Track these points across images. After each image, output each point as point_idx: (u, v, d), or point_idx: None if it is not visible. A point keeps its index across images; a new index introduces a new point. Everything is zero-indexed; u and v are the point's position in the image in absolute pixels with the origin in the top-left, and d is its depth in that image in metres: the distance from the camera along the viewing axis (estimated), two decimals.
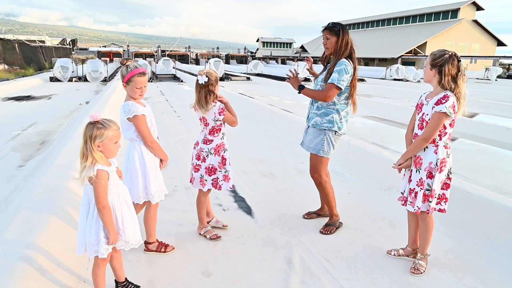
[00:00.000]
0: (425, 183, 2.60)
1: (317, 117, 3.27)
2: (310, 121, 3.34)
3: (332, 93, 3.10)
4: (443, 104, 2.46)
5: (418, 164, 2.64)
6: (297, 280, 2.62)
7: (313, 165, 3.34)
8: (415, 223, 2.85)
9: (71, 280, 2.47)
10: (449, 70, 2.48)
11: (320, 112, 3.25)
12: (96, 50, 46.33)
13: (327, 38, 3.18)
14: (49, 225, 2.86)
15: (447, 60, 2.47)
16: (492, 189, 4.26)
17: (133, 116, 2.58)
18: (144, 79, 2.64)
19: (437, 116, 2.49)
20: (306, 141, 3.39)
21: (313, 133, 3.30)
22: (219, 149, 3.05)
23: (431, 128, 2.52)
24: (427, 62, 2.61)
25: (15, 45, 24.60)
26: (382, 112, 10.60)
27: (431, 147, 2.59)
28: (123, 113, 2.62)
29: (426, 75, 2.64)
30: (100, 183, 2.00)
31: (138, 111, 2.59)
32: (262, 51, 66.86)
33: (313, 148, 3.29)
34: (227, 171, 3.09)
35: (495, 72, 29.88)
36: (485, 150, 6.67)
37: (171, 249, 2.93)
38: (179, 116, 9.47)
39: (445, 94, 2.50)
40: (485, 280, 2.67)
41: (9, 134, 7.07)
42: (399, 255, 2.93)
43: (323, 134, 3.25)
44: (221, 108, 2.96)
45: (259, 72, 29.27)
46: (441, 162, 2.56)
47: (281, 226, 3.44)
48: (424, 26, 46.56)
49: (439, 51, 2.55)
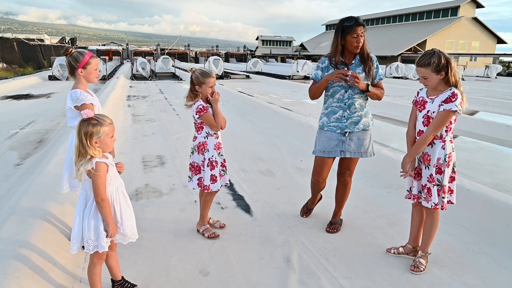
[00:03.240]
0: (435, 179, 2.59)
1: (364, 118, 3.06)
2: (356, 126, 3.04)
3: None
4: (453, 102, 2.42)
5: (427, 160, 2.61)
6: (296, 279, 2.59)
7: (351, 168, 3.21)
8: (419, 220, 2.82)
9: (67, 280, 2.44)
10: (453, 64, 2.46)
11: (365, 112, 3.07)
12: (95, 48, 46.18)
13: (361, 36, 2.88)
14: (45, 224, 2.83)
15: (448, 57, 2.45)
16: (492, 186, 4.24)
17: (81, 105, 2.59)
18: (98, 61, 2.79)
19: (445, 114, 2.45)
20: (351, 148, 3.06)
21: (361, 136, 3.06)
22: (202, 148, 3.00)
23: (438, 125, 2.49)
24: (427, 74, 2.47)
25: (13, 44, 24.55)
26: (382, 110, 10.57)
27: (438, 143, 2.56)
28: (70, 101, 2.62)
29: (432, 83, 2.50)
30: (99, 175, 2.00)
31: (87, 100, 2.62)
32: (262, 49, 66.79)
33: (366, 153, 3.10)
34: (213, 174, 3.01)
35: (495, 70, 29.81)
36: (485, 148, 6.64)
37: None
38: (178, 114, 9.44)
39: (453, 92, 2.45)
40: (486, 278, 2.65)
41: (7, 132, 7.04)
42: (398, 253, 2.90)
43: (370, 134, 3.12)
44: (199, 107, 2.91)
45: (258, 70, 29.21)
46: (448, 157, 2.56)
47: (280, 225, 3.42)
48: (424, 24, 46.48)
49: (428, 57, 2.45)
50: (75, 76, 2.70)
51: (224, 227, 3.30)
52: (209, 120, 2.94)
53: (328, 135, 3.09)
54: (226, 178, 3.15)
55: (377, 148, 5.16)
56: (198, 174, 3.05)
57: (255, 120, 8.62)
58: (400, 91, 16.62)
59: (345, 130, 3.04)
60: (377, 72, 3.04)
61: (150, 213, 3.56)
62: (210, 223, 3.28)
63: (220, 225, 3.31)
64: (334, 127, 3.06)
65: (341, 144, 3.06)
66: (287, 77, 23.68)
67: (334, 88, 3.04)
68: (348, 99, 3.01)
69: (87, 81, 2.73)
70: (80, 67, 2.66)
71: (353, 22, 2.84)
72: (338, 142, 3.06)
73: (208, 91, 2.94)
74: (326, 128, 3.11)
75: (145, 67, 21.62)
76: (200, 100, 2.95)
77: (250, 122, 8.52)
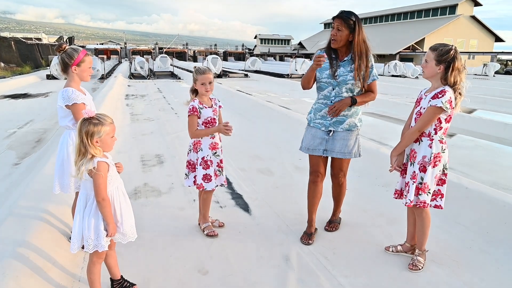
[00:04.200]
0: (418, 176, 2.58)
1: (350, 118, 2.98)
2: (340, 125, 2.98)
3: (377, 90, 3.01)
4: (440, 99, 2.42)
5: (413, 157, 2.62)
6: (295, 277, 2.59)
7: (344, 169, 3.15)
8: (414, 218, 2.83)
9: (66, 279, 2.44)
10: (457, 65, 2.44)
11: (352, 112, 2.99)
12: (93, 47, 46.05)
13: (338, 29, 2.81)
14: (43, 224, 2.83)
15: (455, 55, 2.44)
16: (490, 184, 4.24)
17: (72, 104, 2.56)
18: (92, 58, 2.76)
19: (431, 110, 2.46)
20: (336, 148, 2.99)
21: (346, 136, 2.99)
22: (197, 146, 3.03)
23: (424, 121, 2.50)
24: (430, 58, 2.50)
25: (11, 43, 24.48)
26: (381, 109, 10.58)
27: (425, 141, 2.56)
28: (61, 100, 2.58)
29: (429, 71, 2.52)
30: (101, 174, 2.00)
31: (78, 99, 2.58)
32: (260, 48, 66.76)
33: (350, 153, 3.02)
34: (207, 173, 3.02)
35: (493, 68, 29.86)
36: (483, 146, 6.66)
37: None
38: (176, 113, 9.43)
39: (442, 89, 2.46)
40: (484, 276, 2.66)
41: (5, 132, 7.02)
42: (397, 251, 2.91)
43: (356, 134, 3.05)
44: (190, 107, 2.97)
45: (257, 69, 29.20)
46: (435, 157, 2.53)
47: (279, 223, 3.42)
48: (422, 22, 46.53)
49: (441, 45, 2.48)
50: (68, 73, 2.64)
51: (223, 226, 3.31)
52: (190, 123, 2.97)
53: (313, 132, 3.05)
54: (222, 178, 3.15)
55: (376, 146, 5.18)
56: (194, 172, 3.07)
57: (253, 119, 8.62)
58: (398, 89, 16.65)
59: (329, 128, 2.99)
60: (371, 72, 2.93)
61: (149, 212, 3.56)
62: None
63: (219, 224, 3.31)
64: (319, 124, 3.02)
65: (325, 142, 3.00)
66: (286, 75, 23.70)
67: (322, 84, 2.99)
68: (335, 97, 2.93)
69: (80, 79, 2.68)
70: (74, 64, 2.61)
71: (336, 14, 2.83)
72: (321, 140, 3.01)
73: (201, 88, 2.95)
74: (312, 124, 3.08)
75: (143, 66, 21.59)
76: (195, 100, 2.98)
77: (248, 121, 8.52)
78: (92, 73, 2.79)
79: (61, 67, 2.66)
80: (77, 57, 2.61)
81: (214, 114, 3.04)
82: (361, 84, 2.92)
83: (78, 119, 2.58)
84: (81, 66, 2.63)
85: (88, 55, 2.69)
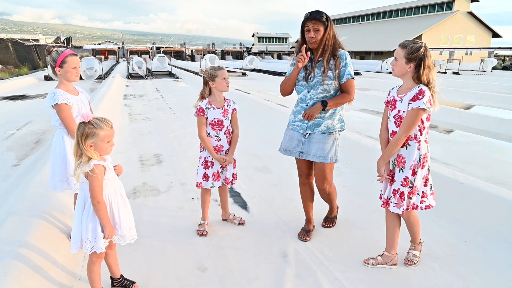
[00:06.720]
0: (409, 181, 2.49)
1: (327, 120, 2.87)
2: (318, 128, 2.88)
3: (354, 90, 2.84)
4: (421, 100, 2.33)
5: (401, 163, 2.50)
6: (292, 273, 2.63)
7: (323, 175, 2.96)
8: (395, 225, 2.69)
9: (67, 278, 2.47)
10: (428, 62, 2.37)
11: (329, 114, 2.87)
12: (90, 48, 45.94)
13: (316, 30, 2.72)
14: (43, 224, 2.86)
15: (425, 53, 2.36)
16: (486, 179, 4.28)
17: (54, 104, 2.63)
18: (77, 59, 2.75)
19: (414, 113, 2.36)
20: (312, 151, 2.89)
21: (322, 139, 2.88)
22: (202, 146, 3.12)
23: (408, 125, 2.38)
24: (400, 56, 2.40)
25: (8, 44, 24.42)
26: (378, 106, 10.60)
27: (413, 144, 2.46)
28: (47, 100, 2.66)
29: (399, 69, 2.44)
30: (97, 177, 2.01)
31: (60, 100, 2.63)
32: (258, 46, 66.67)
33: (326, 157, 2.87)
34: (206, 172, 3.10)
35: (490, 64, 29.94)
36: (480, 142, 6.69)
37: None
38: (175, 113, 9.45)
39: (420, 89, 2.37)
40: (478, 269, 2.70)
41: (4, 133, 7.04)
42: (377, 264, 2.72)
43: (333, 137, 2.91)
44: (198, 107, 3.04)
45: (255, 67, 29.20)
46: (423, 158, 2.47)
47: (276, 220, 3.46)
48: (419, 18, 46.52)
49: (411, 42, 2.41)
50: (57, 75, 2.72)
51: (243, 224, 3.36)
52: (198, 123, 3.05)
53: (291, 134, 3.02)
54: (220, 181, 3.17)
55: (372, 143, 5.22)
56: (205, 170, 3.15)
57: (251, 118, 8.64)
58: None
59: (306, 131, 2.92)
60: (344, 71, 2.79)
61: (148, 211, 3.60)
62: (230, 218, 3.39)
63: (239, 221, 3.37)
64: (298, 126, 2.97)
65: (301, 144, 2.94)
66: (283, 73, 23.70)
67: (298, 87, 2.93)
68: (310, 100, 2.86)
69: (66, 80, 2.71)
70: (57, 66, 2.66)
71: (306, 16, 2.75)
72: (298, 142, 2.96)
73: (222, 83, 3.00)
74: (291, 126, 3.04)
75: (141, 66, 21.57)
76: (203, 101, 3.04)
77: (246, 119, 8.53)
78: (78, 73, 2.78)
79: (52, 71, 2.75)
80: (59, 58, 2.65)
81: (223, 116, 3.06)
82: (336, 83, 2.82)
83: (61, 118, 2.66)
84: (64, 67, 2.67)
85: (72, 56, 2.70)
